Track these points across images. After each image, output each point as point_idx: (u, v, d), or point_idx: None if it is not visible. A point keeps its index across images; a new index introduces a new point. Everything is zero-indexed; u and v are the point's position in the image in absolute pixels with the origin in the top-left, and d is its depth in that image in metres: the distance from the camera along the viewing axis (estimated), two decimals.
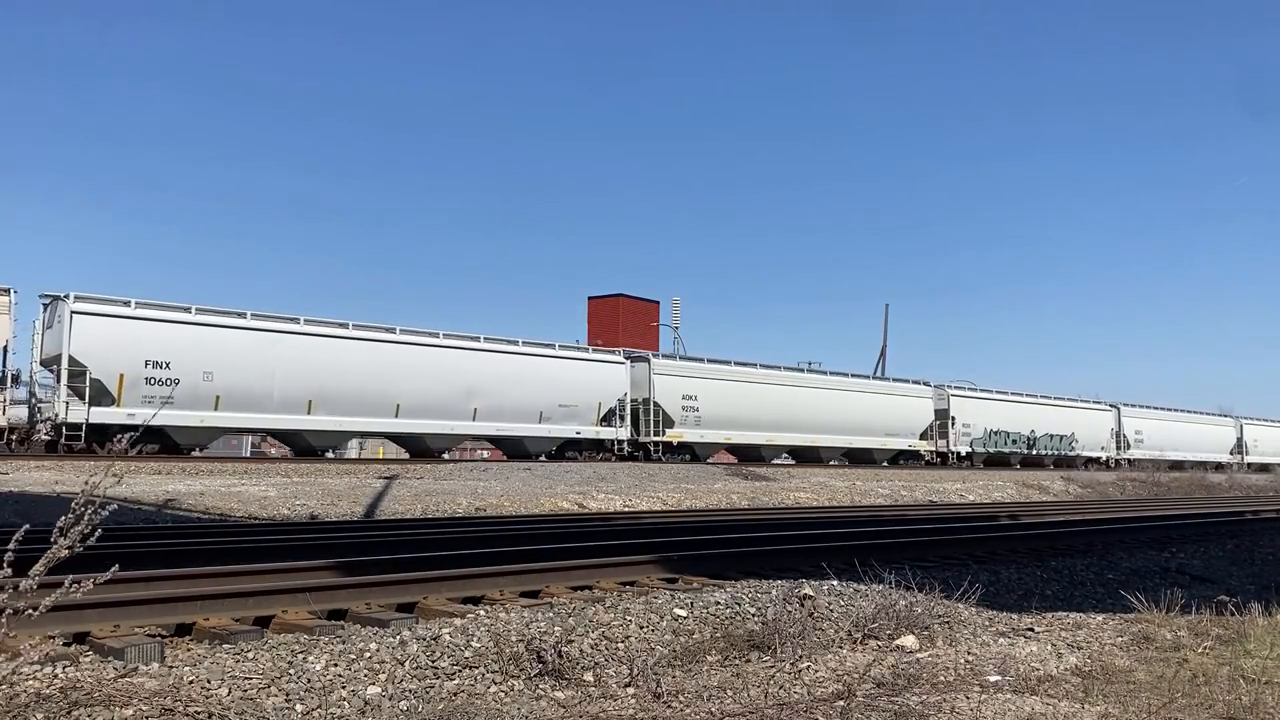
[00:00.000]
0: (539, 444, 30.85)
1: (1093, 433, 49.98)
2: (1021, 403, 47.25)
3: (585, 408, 31.40)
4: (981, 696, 4.99)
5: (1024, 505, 24.84)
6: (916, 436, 41.40)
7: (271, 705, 4.49)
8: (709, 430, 34.28)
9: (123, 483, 16.16)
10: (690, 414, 33.77)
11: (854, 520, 16.37)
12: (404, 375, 27.45)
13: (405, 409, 27.52)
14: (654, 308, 65.58)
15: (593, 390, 31.70)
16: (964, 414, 43.02)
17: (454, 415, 28.59)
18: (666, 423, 33.09)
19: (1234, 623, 7.08)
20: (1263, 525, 17.42)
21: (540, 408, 30.24)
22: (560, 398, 30.69)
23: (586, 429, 31.48)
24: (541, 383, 30.39)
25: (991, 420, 44.35)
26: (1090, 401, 51.25)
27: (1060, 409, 49.03)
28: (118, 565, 4.80)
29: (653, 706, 4.80)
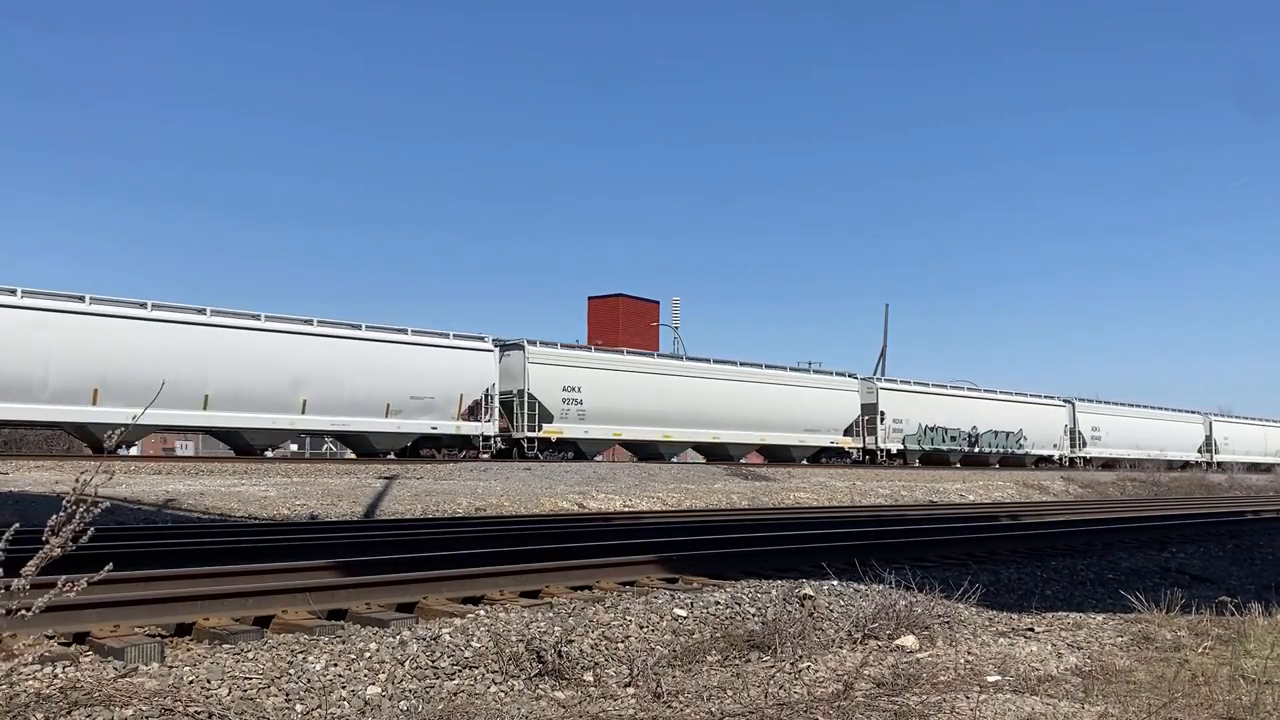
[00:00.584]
0: (385, 440, 28.00)
1: (1044, 429, 47.51)
2: (962, 397, 44.71)
3: (444, 400, 28.30)
4: (981, 696, 4.98)
5: (1024, 505, 24.85)
6: (840, 432, 38.92)
7: (271, 705, 4.49)
8: (595, 425, 31.32)
9: (123, 483, 16.10)
10: (572, 407, 30.76)
11: (854, 520, 16.38)
12: (215, 362, 24.35)
13: (217, 400, 24.35)
14: (654, 308, 65.60)
15: (453, 380, 28.59)
16: (895, 408, 40.54)
17: (278, 408, 25.45)
18: (544, 417, 30.15)
19: (1234, 623, 7.07)
20: (1263, 525, 17.42)
21: (387, 400, 27.23)
22: (413, 388, 27.69)
23: (445, 424, 28.37)
24: (389, 372, 27.28)
25: (927, 415, 41.74)
26: (1042, 396, 48.81)
27: (1007, 404, 46.55)
28: (111, 564, 4.79)
29: (653, 706, 4.80)
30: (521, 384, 29.87)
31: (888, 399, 40.42)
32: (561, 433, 30.63)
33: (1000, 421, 45.04)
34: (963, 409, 43.76)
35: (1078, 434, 48.77)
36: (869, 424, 39.80)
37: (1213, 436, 57.62)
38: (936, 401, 42.70)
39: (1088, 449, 49.20)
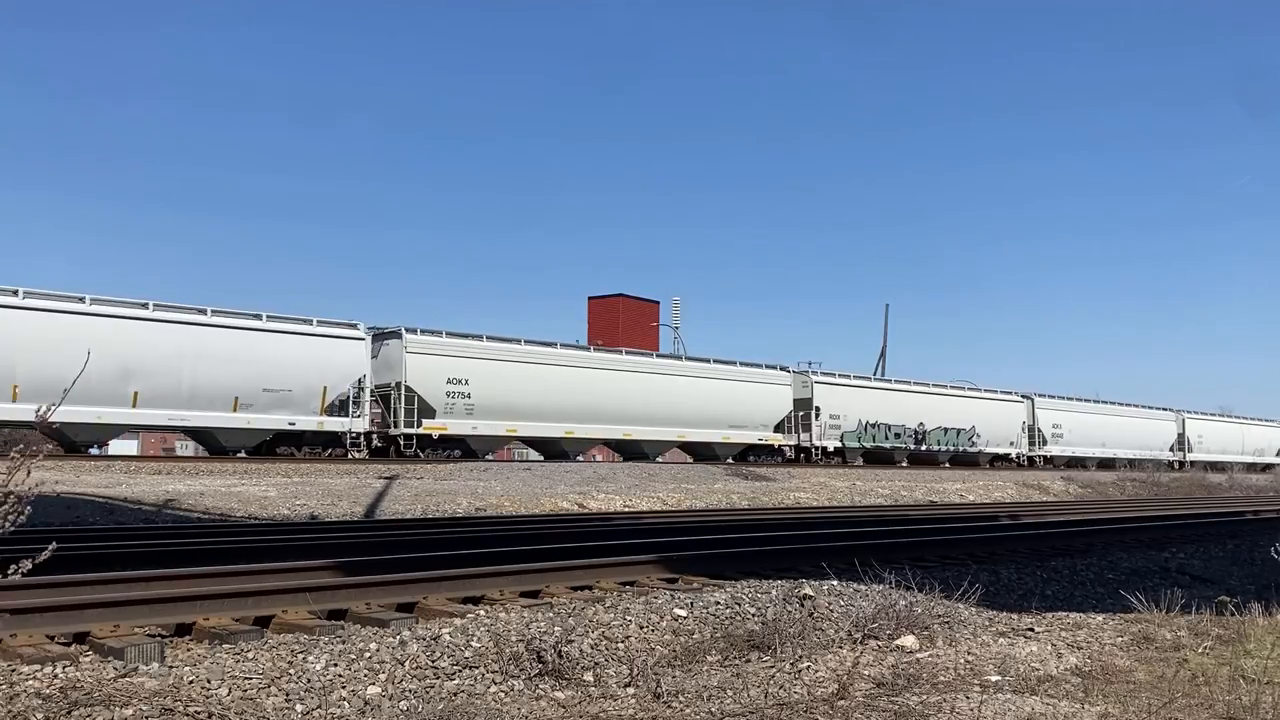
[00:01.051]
0: (235, 437, 25.42)
1: (999, 426, 44.69)
2: (908, 391, 41.87)
3: (304, 393, 25.68)
4: (981, 696, 4.98)
5: (1024, 505, 24.85)
6: (770, 429, 36.25)
7: (271, 705, 4.49)
8: (486, 421, 28.63)
9: (123, 483, 16.04)
10: (458, 401, 28.09)
11: (854, 520, 16.37)
12: (26, 349, 21.91)
13: (28, 392, 21.60)
14: (654, 308, 65.64)
15: (315, 371, 25.89)
16: (832, 403, 37.83)
17: (103, 400, 22.81)
18: (425, 412, 27.51)
19: (1234, 623, 7.07)
20: (1263, 525, 17.42)
21: (236, 392, 24.67)
22: (267, 380, 25.06)
23: (305, 419, 25.84)
24: (239, 362, 24.73)
25: (868, 411, 39.09)
26: (998, 391, 46.07)
27: (958, 399, 43.71)
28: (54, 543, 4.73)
29: (653, 706, 4.80)
30: (399, 375, 27.23)
31: (824, 393, 37.88)
32: (445, 429, 28.00)
33: (950, 417, 42.51)
34: (908, 404, 41.14)
35: (1037, 431, 46.31)
36: (803, 420, 37.12)
37: (1186, 434, 55.20)
38: (878, 396, 40.39)
39: (1048, 447, 46.69)
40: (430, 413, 27.71)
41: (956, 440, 42.53)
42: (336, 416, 26.62)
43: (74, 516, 13.87)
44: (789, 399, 36.80)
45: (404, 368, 27.30)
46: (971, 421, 43.23)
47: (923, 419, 41.30)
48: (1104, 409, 50.85)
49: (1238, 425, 60.86)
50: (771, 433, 36.42)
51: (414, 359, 27.54)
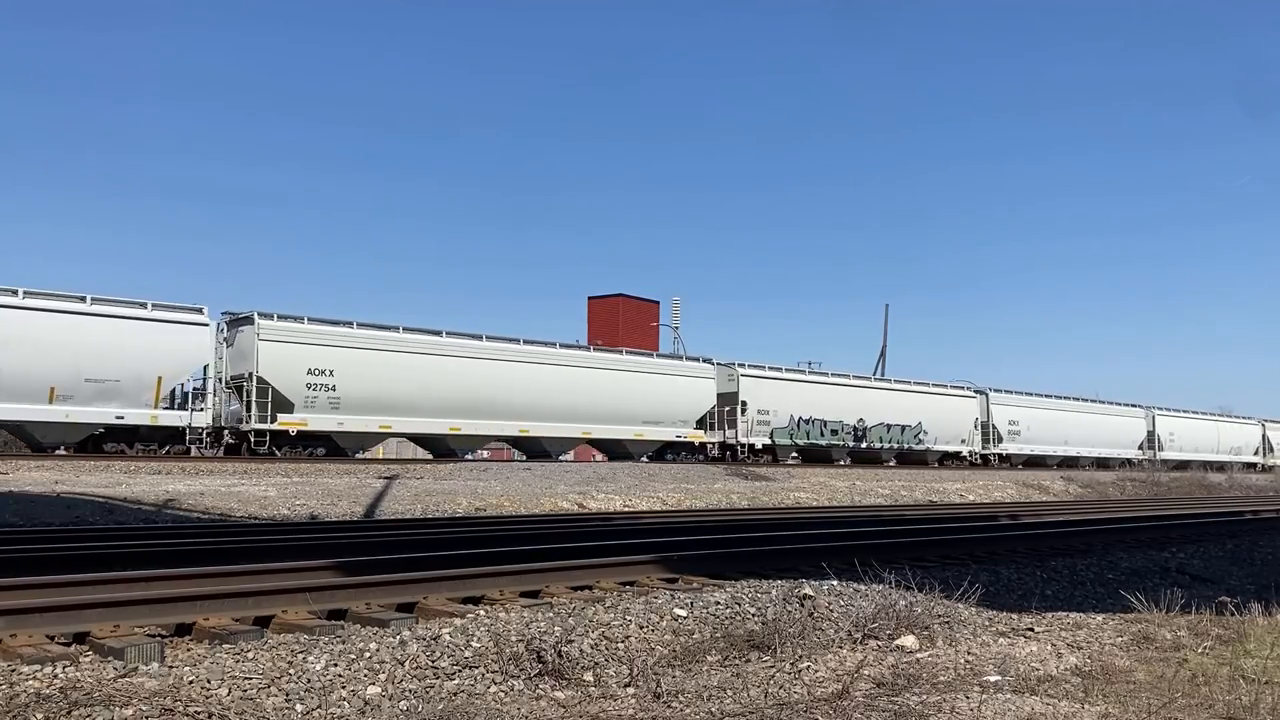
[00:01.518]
0: (52, 432, 22.95)
1: (950, 423, 42.29)
2: (846, 385, 39.54)
3: (135, 383, 23.28)
4: (981, 696, 4.98)
5: (1023, 505, 24.85)
6: (691, 425, 33.95)
7: (271, 705, 4.49)
8: (354, 416, 26.28)
9: (123, 483, 16.10)
10: (321, 394, 25.68)
11: (854, 520, 16.38)
12: None
13: None
14: (654, 308, 65.64)
15: (148, 360, 23.46)
16: (760, 398, 35.49)
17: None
18: (281, 405, 25.14)
19: (1234, 623, 7.08)
20: (1262, 525, 17.43)
21: (52, 383, 22.25)
22: (89, 369, 22.63)
23: (136, 412, 23.40)
24: (57, 349, 22.32)
25: (801, 406, 36.82)
26: (947, 385, 43.70)
27: (904, 394, 41.40)
28: None
29: (653, 706, 4.80)
30: (252, 365, 24.81)
31: (751, 387, 35.34)
32: (305, 424, 25.55)
33: (894, 413, 40.26)
34: (847, 399, 38.89)
35: (992, 428, 43.99)
36: (728, 415, 34.76)
37: (1156, 432, 52.96)
38: (813, 391, 37.90)
39: (1004, 445, 44.39)
40: (288, 407, 25.30)
41: (901, 438, 40.49)
42: (176, 410, 24.12)
43: (74, 516, 13.88)
44: (712, 393, 34.57)
45: (256, 356, 24.84)
46: (918, 418, 41.04)
47: (863, 415, 39.13)
48: (1066, 405, 48.83)
49: (1212, 422, 58.81)
50: (692, 429, 34.04)
51: (268, 347, 25.09)
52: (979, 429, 43.63)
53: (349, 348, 26.41)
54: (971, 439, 43.25)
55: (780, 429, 36.19)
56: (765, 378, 36.46)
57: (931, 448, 41.54)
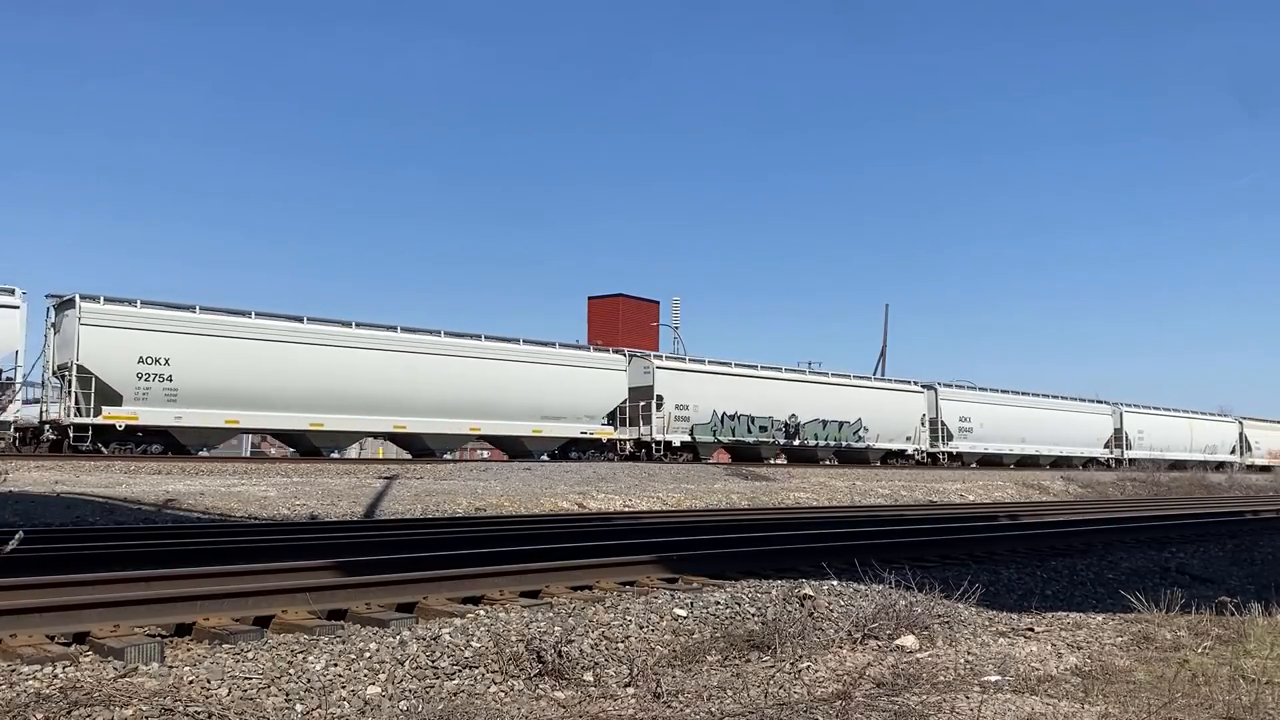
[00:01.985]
0: None
1: (892, 419, 40.26)
2: (777, 379, 37.23)
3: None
4: (981, 696, 4.99)
5: (1023, 505, 24.85)
6: (599, 421, 31.85)
7: (271, 705, 4.49)
8: (194, 409, 24.27)
9: (123, 483, 16.10)
10: (155, 385, 23.65)
11: (854, 520, 16.38)
12: None
13: None
14: (654, 308, 65.67)
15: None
16: (679, 392, 33.29)
17: None
18: (108, 397, 23.25)
19: (1234, 623, 7.08)
20: (1262, 525, 17.43)
21: None
22: None
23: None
24: None
25: (727, 401, 34.71)
26: (891, 380, 42.09)
27: (841, 388, 39.35)
28: None
29: (653, 706, 4.81)
30: (73, 353, 22.89)
31: (668, 380, 33.08)
32: (135, 418, 23.47)
33: (831, 409, 38.05)
34: (778, 394, 36.59)
35: (941, 425, 41.81)
36: (643, 411, 32.46)
37: (1124, 430, 50.90)
38: (739, 385, 35.47)
39: (955, 443, 42.21)
40: (115, 399, 23.33)
41: (839, 434, 38.37)
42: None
43: (74, 516, 13.87)
44: (623, 386, 32.30)
45: (77, 344, 22.83)
46: (858, 414, 39.02)
47: (796, 410, 36.93)
48: (1024, 400, 46.83)
49: (1185, 420, 56.44)
50: (601, 425, 31.74)
51: (90, 333, 23.01)
52: (927, 426, 41.66)
53: (188, 334, 24.39)
54: (918, 436, 41.25)
55: (702, 425, 34.11)
56: (685, 370, 34.51)
57: (873, 445, 39.51)
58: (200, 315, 24.85)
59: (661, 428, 32.97)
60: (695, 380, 34.48)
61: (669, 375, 33.58)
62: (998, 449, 44.16)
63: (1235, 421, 60.29)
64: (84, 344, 23.05)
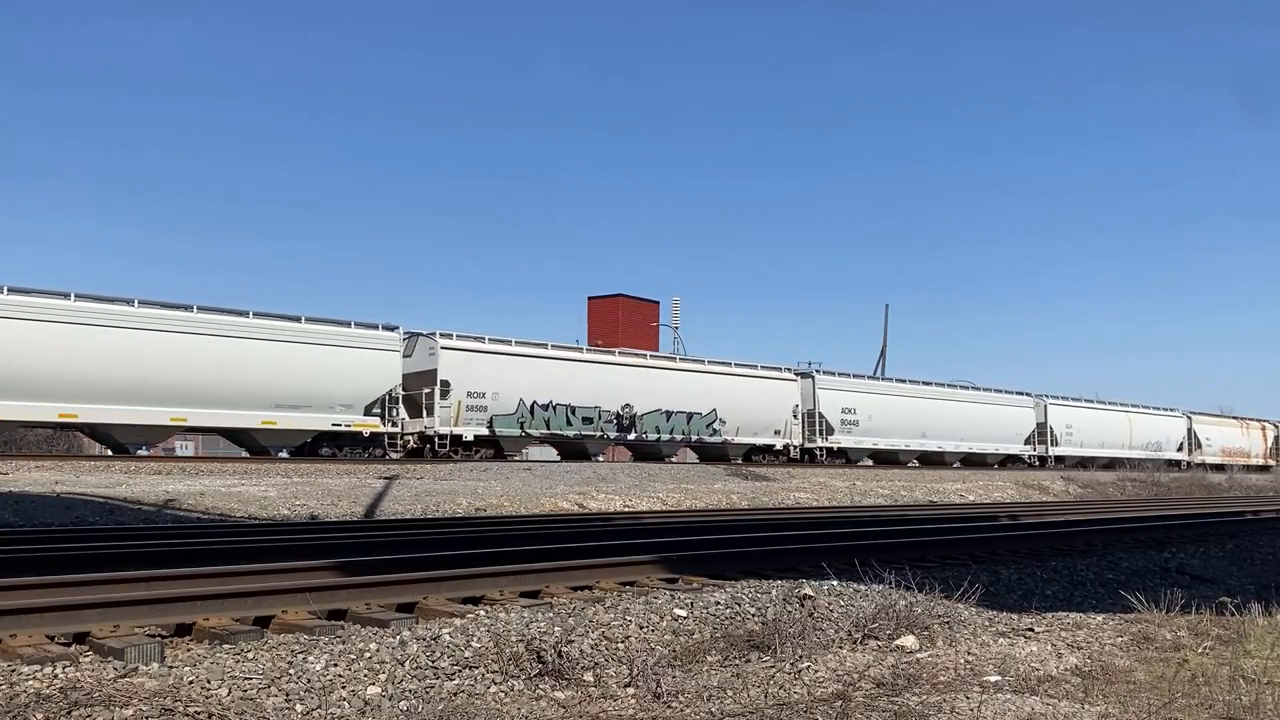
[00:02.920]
0: None
1: (760, 412, 35.38)
2: (605, 364, 32.20)
3: None
4: (981, 696, 4.99)
5: (1023, 505, 24.86)
6: (359, 411, 26.65)
7: (271, 705, 4.49)
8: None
9: (123, 483, 16.13)
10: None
11: (854, 520, 16.38)
12: None
13: None
14: (654, 308, 65.67)
15: None
16: (471, 377, 28.24)
17: None
18: None
19: (1234, 623, 7.08)
20: (1263, 525, 17.43)
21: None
22: None
23: None
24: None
25: (536, 388, 29.66)
26: (756, 366, 36.61)
27: (692, 375, 34.26)
28: None
29: (653, 706, 4.81)
30: None
31: (456, 363, 28.14)
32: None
33: (678, 399, 33.16)
34: (608, 380, 31.60)
35: (819, 418, 37.05)
36: (426, 399, 27.80)
37: (1048, 424, 45.92)
38: (555, 369, 30.47)
39: (836, 437, 37.42)
40: None
41: (687, 427, 33.41)
42: None
43: (74, 516, 13.88)
44: (395, 370, 27.50)
45: None
46: (712, 404, 34.03)
47: (631, 400, 31.97)
48: (925, 391, 41.84)
49: (1123, 414, 51.12)
50: (361, 416, 26.61)
51: None
52: (800, 418, 36.65)
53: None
54: (790, 430, 36.24)
55: (504, 416, 29.03)
56: (480, 352, 29.06)
57: (731, 440, 34.63)
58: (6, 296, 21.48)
59: (449, 418, 27.79)
60: (494, 364, 29.15)
61: (458, 358, 28.28)
62: (891, 444, 39.44)
63: (1184, 416, 55.20)
64: None
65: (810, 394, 37.18)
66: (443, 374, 27.77)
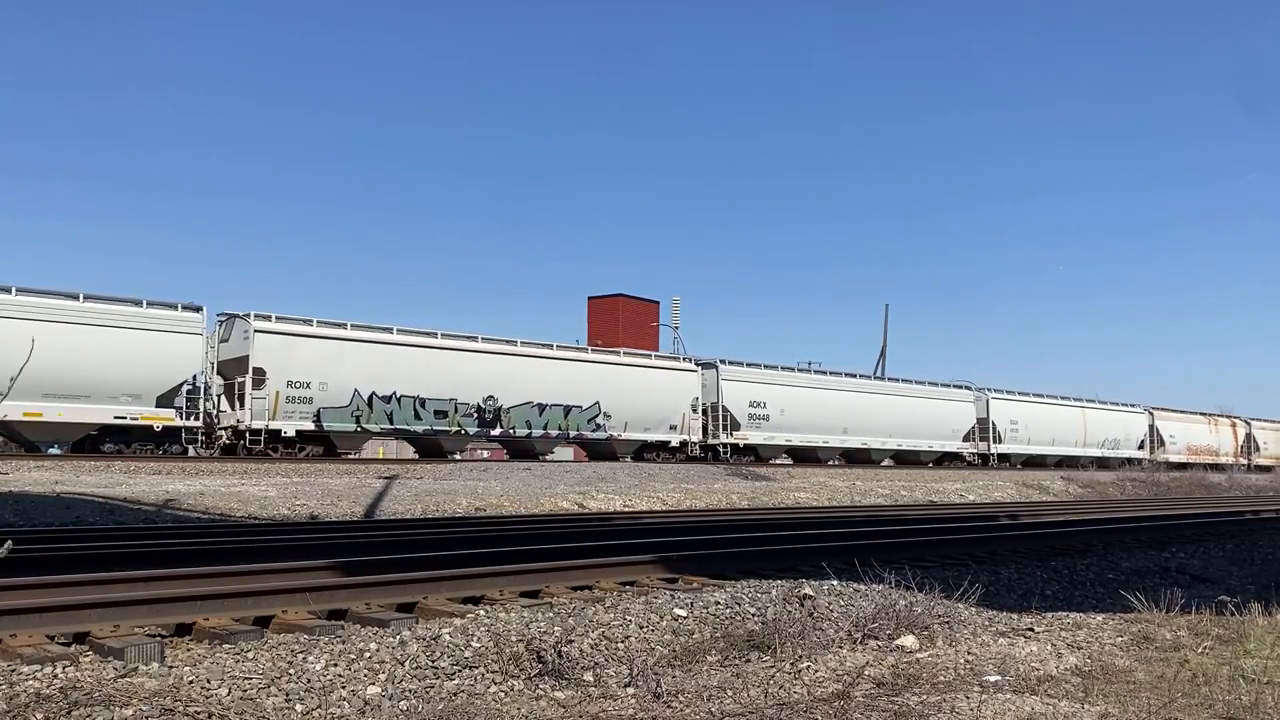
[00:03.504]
0: None
1: (652, 405, 32.33)
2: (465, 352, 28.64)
3: None
4: (981, 696, 4.98)
5: (1023, 505, 24.85)
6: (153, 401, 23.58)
7: (271, 705, 4.49)
8: None
9: (123, 483, 16.13)
10: None
11: (853, 520, 16.38)
12: None
13: None
14: (654, 308, 65.65)
15: None
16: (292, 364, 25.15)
17: None
18: None
19: (1234, 623, 7.08)
20: (1263, 525, 17.43)
21: None
22: None
23: None
24: None
25: (377, 377, 26.51)
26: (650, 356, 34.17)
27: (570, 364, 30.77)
28: None
29: (653, 706, 4.81)
30: None
31: (274, 349, 24.81)
32: None
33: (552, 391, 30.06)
34: (468, 370, 28.28)
35: (723, 411, 34.09)
36: (239, 389, 24.69)
37: (990, 419, 42.47)
38: (398, 356, 27.05)
39: (744, 433, 34.37)
40: None
41: (565, 422, 30.37)
42: None
43: (74, 516, 13.88)
44: (196, 355, 24.40)
45: None
46: (595, 397, 30.88)
47: (495, 391, 28.74)
48: (844, 383, 38.34)
49: (1076, 409, 47.49)
50: (151, 408, 23.54)
51: None
52: (701, 413, 33.94)
53: None
54: (688, 426, 33.49)
55: (336, 409, 25.87)
56: (303, 335, 25.75)
57: (619, 435, 31.55)
58: None
59: (265, 411, 24.71)
60: (321, 349, 25.88)
61: (275, 342, 24.94)
62: (808, 441, 36.39)
63: (1145, 412, 51.80)
64: None
65: (714, 386, 34.16)
66: (256, 360, 24.64)
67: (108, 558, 8.35)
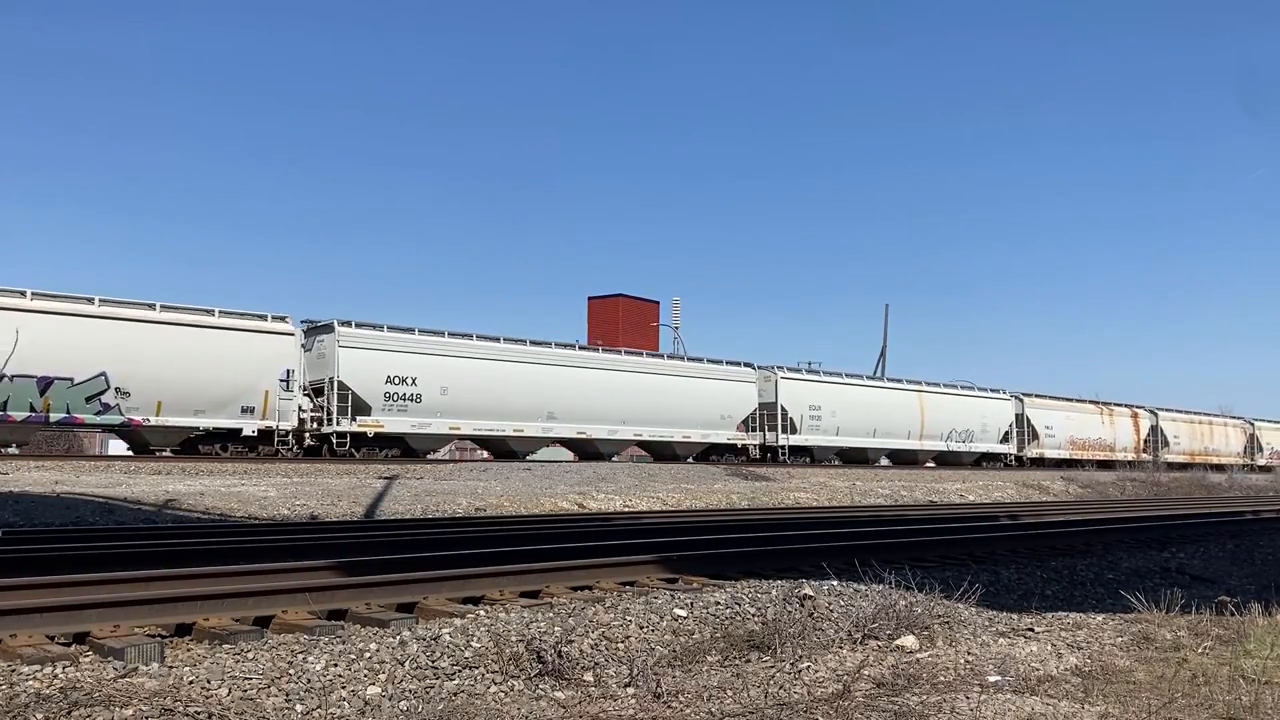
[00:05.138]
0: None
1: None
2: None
3: None
4: (981, 696, 4.99)
5: (1023, 505, 24.85)
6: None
7: (271, 705, 4.49)
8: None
9: (123, 483, 16.12)
10: None
11: (854, 520, 16.38)
12: None
13: None
14: (654, 308, 65.71)
15: None
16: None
17: None
18: None
19: (1234, 623, 7.08)
20: (1263, 525, 17.43)
21: None
22: None
23: None
24: None
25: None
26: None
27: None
28: None
29: (653, 706, 4.81)
30: None
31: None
32: None
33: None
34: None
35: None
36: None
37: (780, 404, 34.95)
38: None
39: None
40: None
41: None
42: None
43: (74, 516, 13.88)
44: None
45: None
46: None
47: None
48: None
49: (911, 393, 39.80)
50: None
51: None
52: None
53: None
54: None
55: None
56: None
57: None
58: None
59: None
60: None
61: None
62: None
63: (1012, 399, 44.17)
64: None
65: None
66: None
67: (108, 558, 8.35)
